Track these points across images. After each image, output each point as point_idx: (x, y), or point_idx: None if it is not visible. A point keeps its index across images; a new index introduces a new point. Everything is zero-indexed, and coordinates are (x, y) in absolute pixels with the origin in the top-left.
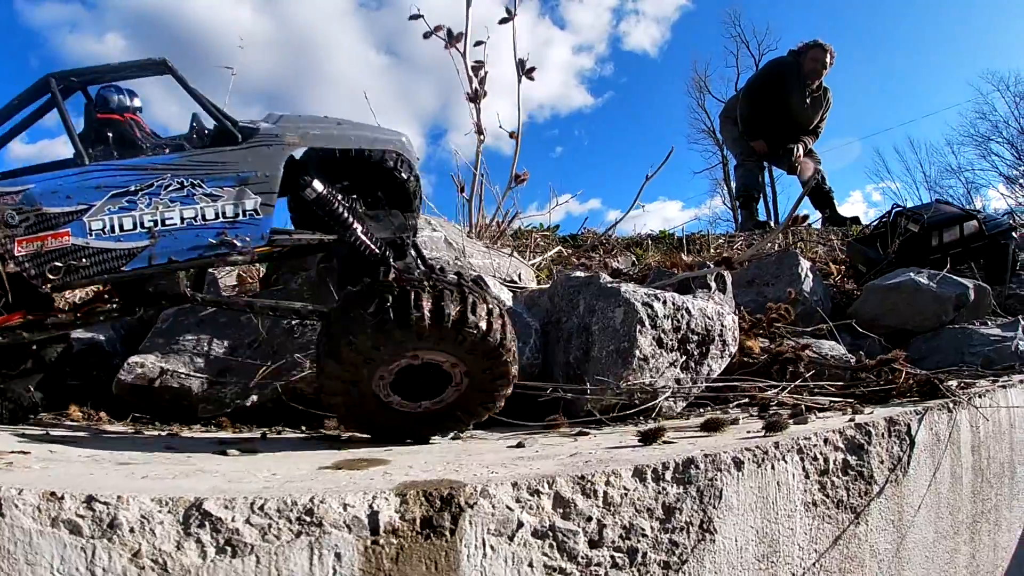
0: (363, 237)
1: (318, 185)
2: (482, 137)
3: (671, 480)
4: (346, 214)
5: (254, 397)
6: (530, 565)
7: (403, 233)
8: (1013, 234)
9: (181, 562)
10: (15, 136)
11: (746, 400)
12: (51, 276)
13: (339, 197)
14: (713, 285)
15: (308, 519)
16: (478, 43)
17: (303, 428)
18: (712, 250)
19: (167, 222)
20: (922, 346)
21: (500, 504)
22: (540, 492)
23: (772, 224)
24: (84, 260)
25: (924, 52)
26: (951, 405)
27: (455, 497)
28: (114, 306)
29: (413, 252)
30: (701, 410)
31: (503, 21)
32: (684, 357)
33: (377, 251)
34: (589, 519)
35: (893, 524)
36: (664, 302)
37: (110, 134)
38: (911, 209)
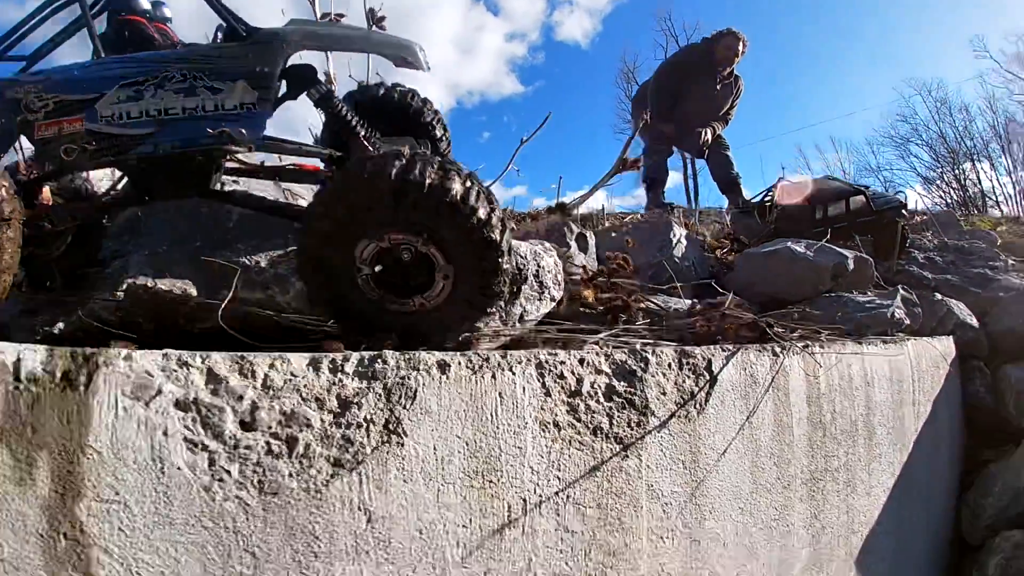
0: (368, 146)
1: (324, 87)
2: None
3: (352, 373)
4: (352, 119)
5: (60, 324)
6: (165, 433)
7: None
8: (904, 211)
9: None
10: (48, 53)
11: (560, 342)
12: (65, 158)
13: (348, 107)
14: (574, 244)
15: None
16: None
17: None
18: (606, 223)
19: (170, 112)
20: (795, 313)
21: (140, 369)
22: (190, 365)
23: (675, 205)
24: (95, 144)
25: (850, 54)
26: (777, 349)
27: (95, 356)
28: (123, 197)
29: None
30: None
31: None
32: None
33: None
34: (240, 398)
35: (684, 465)
36: None
37: (127, 34)
38: (796, 182)
